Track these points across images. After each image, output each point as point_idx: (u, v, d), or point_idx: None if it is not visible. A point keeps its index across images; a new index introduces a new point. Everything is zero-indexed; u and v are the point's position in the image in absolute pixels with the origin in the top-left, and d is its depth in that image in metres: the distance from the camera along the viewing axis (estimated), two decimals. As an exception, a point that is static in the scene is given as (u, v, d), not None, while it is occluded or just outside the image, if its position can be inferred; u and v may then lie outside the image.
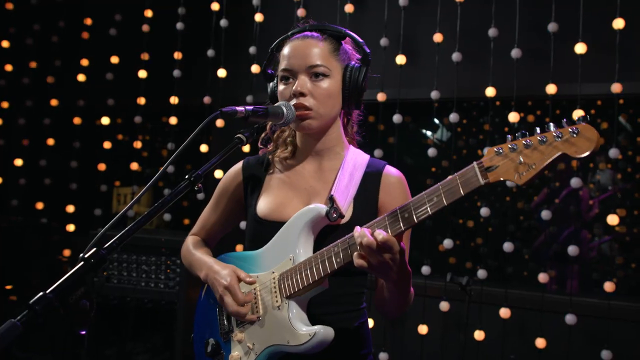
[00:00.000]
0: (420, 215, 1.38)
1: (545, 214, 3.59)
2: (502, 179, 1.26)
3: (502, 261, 4.50)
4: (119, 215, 1.25)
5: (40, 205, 5.18)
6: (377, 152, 3.90)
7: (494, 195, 5.11)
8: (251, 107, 1.54)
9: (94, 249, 1.19)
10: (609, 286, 3.42)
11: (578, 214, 4.38)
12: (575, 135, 1.16)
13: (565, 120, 1.19)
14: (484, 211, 3.75)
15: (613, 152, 3.45)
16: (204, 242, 2.00)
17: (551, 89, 3.61)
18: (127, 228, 1.25)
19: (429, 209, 1.36)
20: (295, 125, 1.72)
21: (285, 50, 1.75)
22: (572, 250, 3.50)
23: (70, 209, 4.99)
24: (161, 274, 3.71)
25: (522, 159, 1.23)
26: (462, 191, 1.31)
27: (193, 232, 2.03)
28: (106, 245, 1.20)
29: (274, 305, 1.63)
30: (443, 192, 1.34)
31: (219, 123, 4.38)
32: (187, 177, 1.40)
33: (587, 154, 1.15)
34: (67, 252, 4.97)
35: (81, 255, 1.17)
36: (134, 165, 4.78)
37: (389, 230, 1.41)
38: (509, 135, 1.27)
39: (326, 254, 1.54)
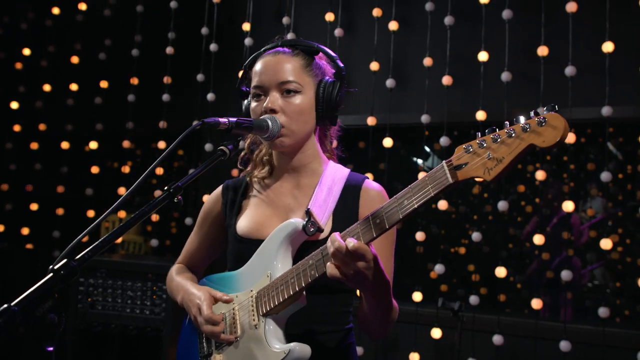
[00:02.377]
0: (391, 220, 1.33)
1: (538, 239, 3.55)
2: (471, 176, 1.22)
3: (494, 287, 4.45)
4: (90, 227, 1.20)
5: (26, 231, 5.09)
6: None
7: (485, 224, 5.07)
8: (235, 119, 1.51)
9: (64, 260, 1.13)
10: (603, 312, 3.37)
11: (569, 241, 4.34)
12: (542, 125, 1.14)
13: (533, 111, 1.17)
14: (476, 236, 3.70)
15: (605, 176, 3.43)
16: (189, 270, 1.97)
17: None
18: (101, 239, 1.20)
19: (399, 213, 1.32)
20: (269, 144, 1.69)
21: (257, 66, 1.72)
22: (565, 275, 3.46)
23: (57, 234, 4.91)
24: (147, 300, 3.63)
25: (490, 154, 1.20)
26: (432, 192, 1.27)
27: (178, 260, 2.00)
28: (77, 256, 1.14)
29: (251, 325, 1.58)
30: (413, 195, 1.30)
31: (208, 147, 4.34)
32: (166, 188, 1.36)
33: (554, 143, 1.12)
34: (52, 279, 4.87)
35: (50, 266, 1.12)
36: (122, 191, 4.71)
37: (362, 238, 1.36)
38: (479, 133, 1.23)
39: (301, 268, 1.49)
